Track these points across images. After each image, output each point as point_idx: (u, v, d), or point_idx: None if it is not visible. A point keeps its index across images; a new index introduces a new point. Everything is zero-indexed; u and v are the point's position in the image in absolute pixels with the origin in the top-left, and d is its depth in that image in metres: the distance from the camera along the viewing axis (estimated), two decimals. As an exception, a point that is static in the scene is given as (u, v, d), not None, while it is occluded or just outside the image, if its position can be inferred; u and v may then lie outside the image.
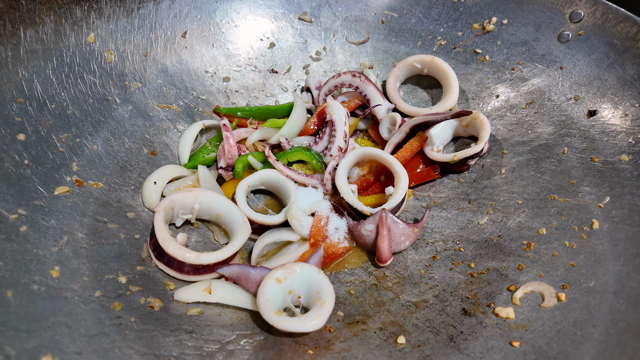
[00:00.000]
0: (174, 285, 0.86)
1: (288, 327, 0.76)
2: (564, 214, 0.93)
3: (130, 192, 0.97)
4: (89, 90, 1.00)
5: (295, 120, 1.14)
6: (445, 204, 1.06)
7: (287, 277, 0.83)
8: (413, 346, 0.78)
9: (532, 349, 0.73)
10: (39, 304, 0.68)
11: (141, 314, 0.77)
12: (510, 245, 0.92)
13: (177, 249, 0.85)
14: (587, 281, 0.80)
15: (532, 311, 0.79)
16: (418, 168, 1.12)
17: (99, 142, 0.98)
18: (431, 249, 0.98)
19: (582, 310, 0.75)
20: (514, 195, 1.01)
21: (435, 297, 0.87)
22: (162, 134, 1.10)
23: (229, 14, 1.26)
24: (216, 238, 0.99)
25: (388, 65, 1.30)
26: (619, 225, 0.85)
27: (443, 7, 1.27)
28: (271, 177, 1.04)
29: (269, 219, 0.97)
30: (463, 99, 1.22)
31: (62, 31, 0.97)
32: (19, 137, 0.85)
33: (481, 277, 0.89)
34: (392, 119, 1.15)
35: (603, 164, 0.96)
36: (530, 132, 1.10)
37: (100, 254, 0.83)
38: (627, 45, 1.01)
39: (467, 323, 0.80)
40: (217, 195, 0.95)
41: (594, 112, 1.03)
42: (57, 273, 0.74)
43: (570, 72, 1.10)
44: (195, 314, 0.81)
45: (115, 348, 0.68)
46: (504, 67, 1.20)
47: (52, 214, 0.82)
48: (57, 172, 0.88)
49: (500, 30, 1.21)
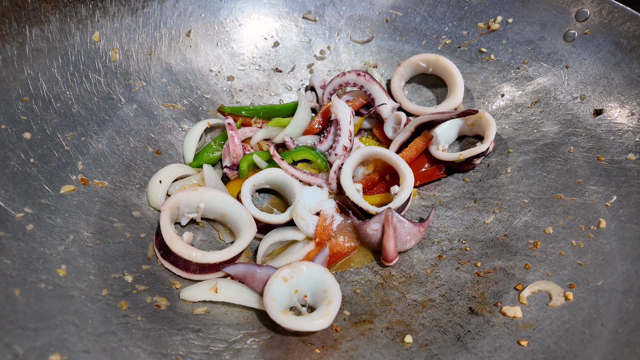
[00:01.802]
0: (180, 284, 0.86)
1: (295, 326, 0.76)
2: (570, 213, 0.92)
3: (135, 191, 0.97)
4: (94, 88, 1.00)
5: (299, 120, 1.14)
6: (451, 203, 1.06)
7: (294, 276, 0.83)
8: (420, 345, 0.78)
9: (540, 348, 0.72)
10: (46, 302, 0.67)
11: (148, 313, 0.76)
12: (517, 244, 0.92)
13: (183, 247, 0.85)
14: (595, 280, 0.79)
15: (540, 310, 0.78)
16: (423, 167, 1.12)
17: (104, 141, 0.98)
18: (437, 248, 0.98)
19: (590, 309, 0.75)
20: (520, 195, 1.01)
21: (442, 297, 0.87)
22: (167, 133, 1.10)
23: (233, 13, 1.25)
24: (221, 237, 0.99)
25: (393, 64, 1.29)
26: (627, 224, 0.85)
27: (448, 6, 1.26)
28: (276, 176, 1.03)
29: (274, 218, 0.97)
30: (468, 98, 1.22)
31: (67, 30, 0.97)
32: (25, 136, 0.84)
33: (488, 276, 0.88)
34: (397, 118, 1.15)
35: (610, 163, 0.95)
36: (535, 131, 1.09)
37: (106, 252, 0.83)
38: (634, 44, 1.01)
39: (475, 322, 0.80)
40: (223, 194, 0.95)
41: (600, 111, 1.02)
42: (63, 272, 0.74)
43: (576, 71, 1.10)
44: (201, 313, 0.81)
45: (122, 347, 0.68)
46: (509, 66, 1.19)
47: (58, 212, 0.82)
48: (63, 170, 0.88)
49: (506, 29, 1.21)
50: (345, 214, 1.01)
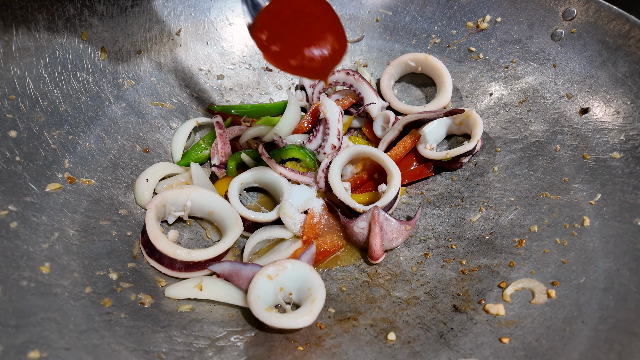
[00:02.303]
0: (165, 282, 0.86)
1: (278, 323, 0.77)
2: (555, 211, 0.93)
3: (122, 190, 0.97)
4: (82, 87, 1.00)
5: (289, 118, 1.14)
6: (438, 202, 1.07)
7: (279, 274, 0.83)
8: (403, 342, 0.78)
9: (521, 345, 0.73)
10: (28, 299, 0.68)
11: (131, 310, 0.77)
12: (502, 242, 0.93)
13: (168, 245, 0.85)
14: (577, 278, 0.80)
15: (523, 308, 0.79)
16: (411, 166, 1.12)
17: (91, 140, 0.98)
18: (423, 246, 0.98)
19: (571, 306, 0.75)
20: (507, 193, 1.01)
21: (427, 294, 0.87)
22: (156, 132, 1.10)
23: (224, 12, 1.26)
24: (209, 235, 0.99)
25: (382, 64, 1.30)
26: (610, 222, 0.85)
27: (437, 6, 1.27)
28: (264, 175, 1.04)
29: (261, 217, 0.97)
30: (457, 97, 1.22)
31: (54, 28, 0.97)
32: (11, 134, 0.85)
33: (472, 274, 0.89)
34: (385, 117, 1.15)
35: (595, 162, 0.96)
36: (523, 130, 1.10)
37: (92, 250, 0.83)
38: (619, 43, 1.01)
39: (458, 320, 0.80)
40: (210, 193, 0.95)
41: (587, 110, 1.03)
42: (47, 269, 0.74)
43: (563, 70, 1.10)
44: (186, 311, 0.81)
45: (104, 344, 0.68)
46: (497, 65, 1.20)
47: (43, 210, 0.82)
48: (49, 169, 0.88)
49: (494, 29, 1.21)
50: (333, 213, 1.01)
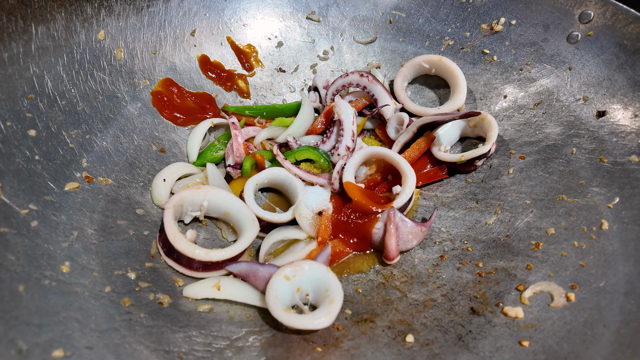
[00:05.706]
0: (182, 281, 0.86)
1: (297, 324, 0.77)
2: (572, 214, 0.92)
3: (139, 189, 0.98)
4: (99, 87, 1.01)
5: (302, 119, 1.15)
6: (453, 204, 1.06)
7: (296, 274, 0.83)
8: (422, 345, 0.78)
9: (542, 348, 0.72)
10: (50, 298, 0.68)
11: (150, 310, 0.77)
12: (519, 245, 0.92)
13: (187, 245, 0.85)
14: (597, 281, 0.79)
15: (542, 311, 0.78)
16: (425, 168, 1.12)
17: (108, 139, 0.98)
18: (439, 248, 0.98)
19: (592, 310, 0.75)
20: (522, 196, 1.01)
21: (444, 297, 0.87)
22: (171, 132, 1.10)
23: (238, 13, 1.26)
24: (224, 235, 0.99)
25: (396, 65, 1.30)
26: (629, 225, 0.85)
27: (451, 8, 1.27)
28: (279, 176, 1.04)
29: (277, 217, 0.97)
30: (471, 99, 1.22)
31: (72, 28, 0.97)
32: (30, 133, 0.85)
33: (489, 276, 0.89)
34: (399, 119, 1.15)
35: (612, 165, 0.95)
36: (538, 133, 1.09)
37: (110, 249, 0.83)
38: (638, 46, 1.01)
39: (476, 322, 0.80)
40: (226, 193, 0.95)
41: (603, 113, 1.02)
42: (67, 268, 0.74)
43: (579, 72, 1.10)
44: (204, 311, 0.82)
45: (125, 343, 0.68)
46: (512, 68, 1.20)
47: (62, 209, 0.82)
48: (67, 168, 0.88)
49: (509, 31, 1.21)
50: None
